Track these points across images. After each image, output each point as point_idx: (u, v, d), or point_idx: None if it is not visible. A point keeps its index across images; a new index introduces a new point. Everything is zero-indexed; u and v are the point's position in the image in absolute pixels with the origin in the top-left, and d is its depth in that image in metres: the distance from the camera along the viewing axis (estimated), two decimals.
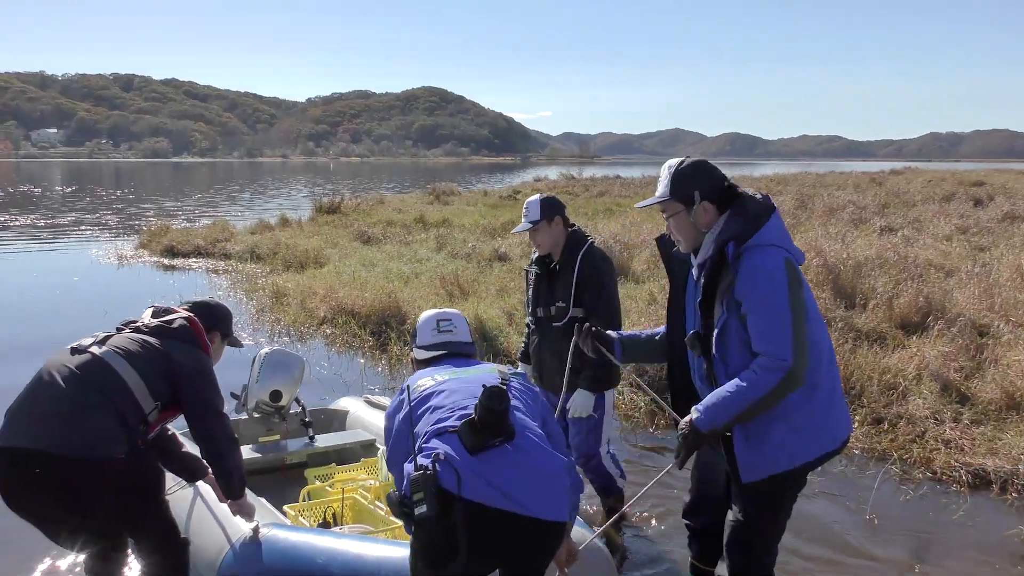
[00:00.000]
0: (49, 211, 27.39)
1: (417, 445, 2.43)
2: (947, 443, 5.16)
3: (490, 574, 2.46)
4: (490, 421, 2.34)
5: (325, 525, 3.69)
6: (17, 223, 22.58)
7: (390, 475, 3.90)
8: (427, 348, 2.96)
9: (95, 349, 2.91)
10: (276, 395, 4.36)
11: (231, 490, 3.14)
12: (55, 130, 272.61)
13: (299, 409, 4.61)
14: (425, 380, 2.68)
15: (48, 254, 16.44)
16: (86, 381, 2.82)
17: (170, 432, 3.29)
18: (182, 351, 3.02)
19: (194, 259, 14.50)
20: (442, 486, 2.26)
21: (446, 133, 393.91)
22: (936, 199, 20.48)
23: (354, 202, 22.58)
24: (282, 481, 4.30)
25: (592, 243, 4.04)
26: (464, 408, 2.46)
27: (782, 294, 2.53)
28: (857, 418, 5.58)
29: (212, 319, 3.28)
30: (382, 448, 4.14)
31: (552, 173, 46.69)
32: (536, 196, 4.10)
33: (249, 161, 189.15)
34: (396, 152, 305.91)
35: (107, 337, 3.00)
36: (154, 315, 3.15)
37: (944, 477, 4.87)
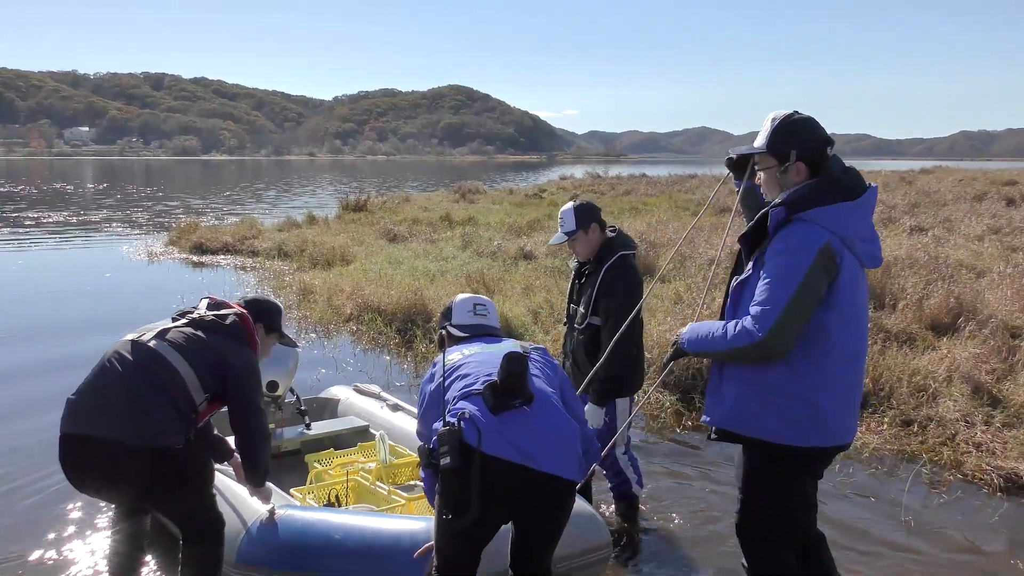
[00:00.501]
0: (81, 208, 27.81)
1: (447, 408, 2.70)
2: (978, 446, 5.09)
3: (502, 524, 2.74)
4: (510, 384, 2.61)
5: (329, 506, 3.86)
6: (50, 220, 22.94)
7: (389, 457, 4.18)
8: (461, 328, 3.18)
9: (153, 343, 3.03)
10: (272, 385, 4.54)
11: (256, 478, 3.31)
12: (87, 128, 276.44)
13: (294, 398, 4.80)
14: (455, 355, 2.93)
15: (80, 250, 16.69)
16: (144, 373, 2.95)
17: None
18: (234, 351, 3.14)
19: (222, 256, 14.66)
20: (465, 440, 2.54)
21: (472, 131, 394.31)
22: (967, 198, 20.20)
23: (380, 200, 22.71)
24: (278, 468, 4.45)
25: (621, 255, 3.97)
26: (488, 375, 2.70)
27: (798, 273, 2.49)
28: (886, 420, 5.54)
29: (257, 313, 3.42)
30: (379, 432, 4.33)
31: (578, 172, 46.61)
32: (570, 205, 4.06)
33: (277, 159, 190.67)
34: (422, 150, 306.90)
35: (165, 330, 3.11)
36: (209, 307, 3.27)
37: (975, 480, 4.81)
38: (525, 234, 14.54)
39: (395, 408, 4.84)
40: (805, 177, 2.64)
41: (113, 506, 3.29)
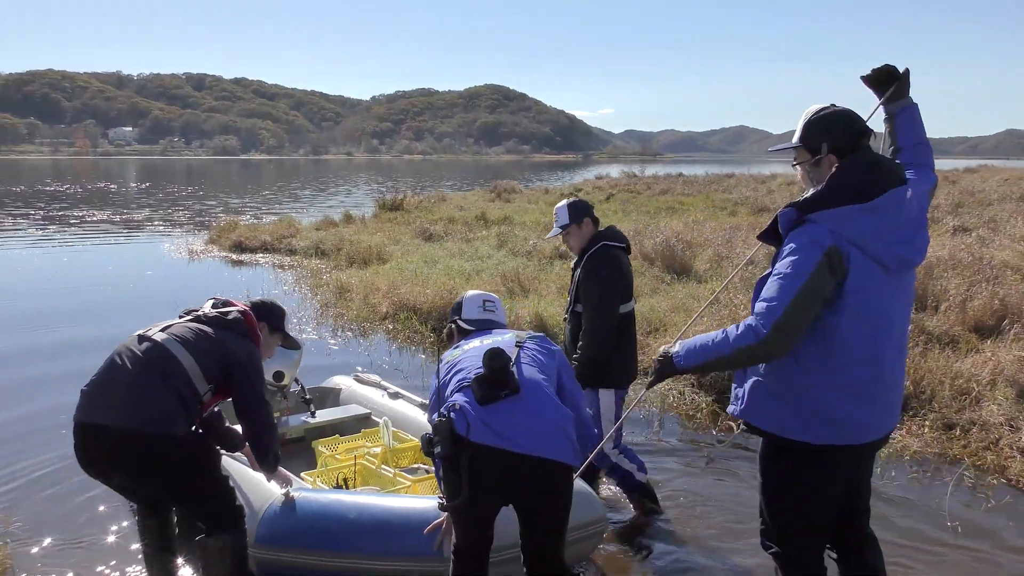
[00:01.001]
0: (124, 207, 28.36)
1: (444, 401, 2.90)
2: (1023, 451, 4.98)
3: (496, 508, 2.89)
4: (493, 377, 2.78)
5: (338, 488, 4.02)
6: (95, 218, 23.44)
7: (392, 442, 4.39)
8: (469, 323, 3.36)
9: (158, 336, 3.21)
10: (279, 375, 4.72)
11: (267, 465, 3.44)
12: (130, 128, 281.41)
13: (299, 388, 5.00)
14: (456, 352, 3.12)
15: (123, 248, 17.02)
16: (151, 365, 3.11)
17: (216, 409, 3.57)
18: (236, 343, 3.30)
19: (261, 254, 14.85)
20: (455, 431, 2.73)
21: (507, 131, 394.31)
22: (1013, 198, 19.76)
23: (416, 199, 22.84)
24: (284, 454, 4.55)
25: (603, 245, 4.17)
26: (479, 368, 2.86)
27: (802, 273, 2.46)
28: (927, 423, 5.44)
29: (261, 312, 3.60)
30: (383, 419, 4.55)
31: (614, 171, 46.48)
32: (564, 201, 4.32)
33: (314, 158, 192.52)
34: (458, 150, 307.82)
35: (169, 325, 3.29)
36: (213, 306, 3.44)
37: (1021, 486, 4.70)
38: None
39: (395, 396, 5.05)
40: None
41: (135, 501, 3.42)
